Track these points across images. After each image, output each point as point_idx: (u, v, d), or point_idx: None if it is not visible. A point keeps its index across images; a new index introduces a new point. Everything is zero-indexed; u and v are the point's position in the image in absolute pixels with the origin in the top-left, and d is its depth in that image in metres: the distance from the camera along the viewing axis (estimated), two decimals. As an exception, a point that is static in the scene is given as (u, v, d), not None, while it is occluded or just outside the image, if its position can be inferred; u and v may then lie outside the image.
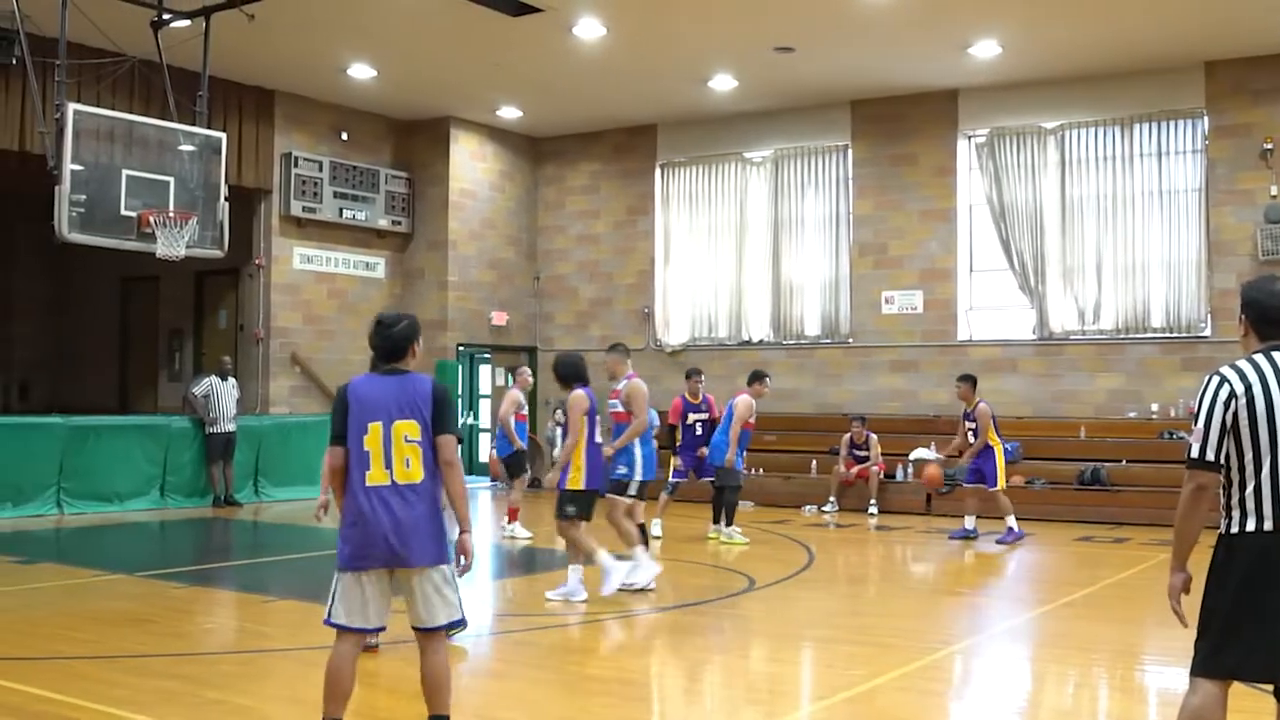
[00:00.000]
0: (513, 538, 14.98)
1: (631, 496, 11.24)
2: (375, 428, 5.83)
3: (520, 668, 7.46)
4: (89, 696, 7.12)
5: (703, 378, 16.05)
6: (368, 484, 5.81)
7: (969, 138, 20.15)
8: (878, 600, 11.87)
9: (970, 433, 15.39)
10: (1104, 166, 19.07)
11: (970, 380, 15.61)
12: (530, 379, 16.06)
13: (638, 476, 11.24)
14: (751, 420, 14.99)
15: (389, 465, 5.82)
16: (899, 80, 19.60)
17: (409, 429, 5.84)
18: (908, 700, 7.41)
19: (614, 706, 7.16)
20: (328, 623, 5.88)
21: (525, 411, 15.81)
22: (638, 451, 11.22)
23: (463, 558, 5.94)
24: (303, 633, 9.14)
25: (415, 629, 5.91)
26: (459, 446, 5.99)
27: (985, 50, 17.75)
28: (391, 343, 6.01)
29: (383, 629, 6.03)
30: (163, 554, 14.63)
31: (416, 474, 5.83)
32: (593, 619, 9.84)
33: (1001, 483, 15.05)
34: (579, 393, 10.49)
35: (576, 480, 10.39)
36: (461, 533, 5.90)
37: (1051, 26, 16.76)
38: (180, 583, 11.69)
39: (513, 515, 15.28)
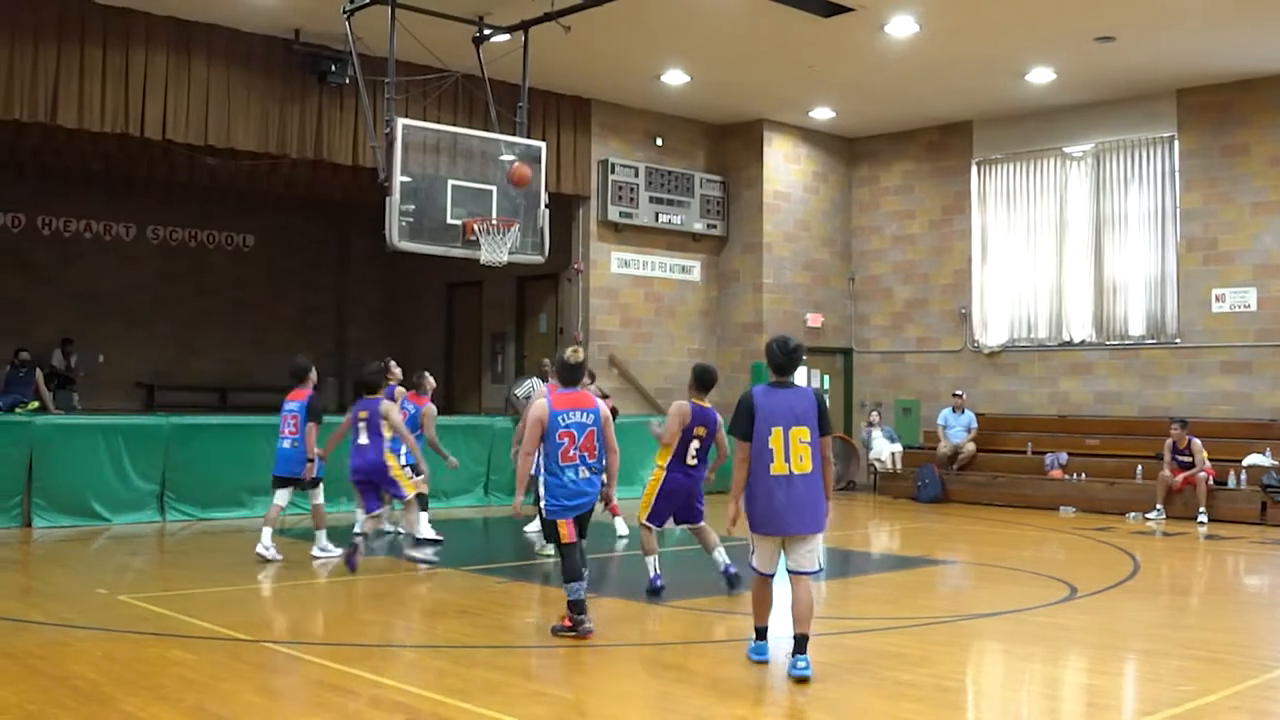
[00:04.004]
0: None
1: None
2: (777, 431, 7.60)
3: (836, 670, 7.41)
4: (418, 683, 7.47)
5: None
6: (772, 473, 7.58)
7: (1307, 124, 19.02)
8: (1207, 613, 11.29)
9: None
10: None
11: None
12: None
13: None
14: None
15: (788, 459, 7.57)
16: (1228, 66, 18.66)
17: (802, 433, 7.63)
18: (1242, 720, 7.06)
19: (930, 714, 7.06)
20: (751, 567, 7.86)
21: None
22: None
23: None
24: (621, 628, 9.35)
25: (791, 571, 7.68)
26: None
27: (1327, 30, 16.74)
28: (793, 362, 7.84)
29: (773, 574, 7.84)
30: (486, 549, 15.11)
31: (807, 466, 7.62)
32: (910, 624, 9.73)
33: None
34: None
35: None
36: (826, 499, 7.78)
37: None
38: (502, 577, 12.10)
39: None
